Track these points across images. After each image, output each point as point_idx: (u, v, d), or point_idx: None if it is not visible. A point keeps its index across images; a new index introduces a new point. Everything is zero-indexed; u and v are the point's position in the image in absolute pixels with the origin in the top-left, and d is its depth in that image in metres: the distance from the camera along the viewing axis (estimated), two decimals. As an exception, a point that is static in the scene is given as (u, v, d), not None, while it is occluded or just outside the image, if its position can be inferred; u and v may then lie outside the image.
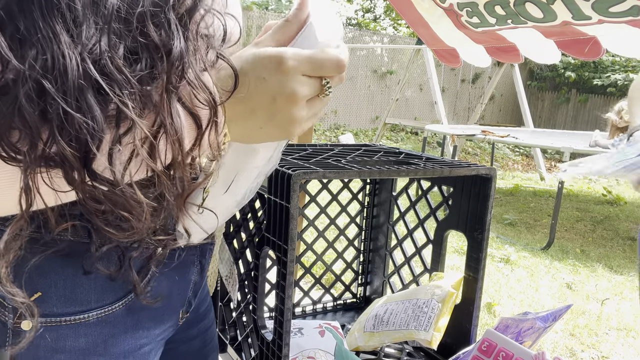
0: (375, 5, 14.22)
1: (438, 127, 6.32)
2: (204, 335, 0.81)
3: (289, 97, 0.48)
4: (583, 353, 2.63)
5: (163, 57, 0.43)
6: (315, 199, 1.29)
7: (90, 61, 0.39)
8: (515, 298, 3.24)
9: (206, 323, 0.81)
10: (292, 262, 0.83)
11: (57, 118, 0.38)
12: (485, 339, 0.82)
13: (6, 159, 0.39)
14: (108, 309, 0.58)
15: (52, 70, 0.38)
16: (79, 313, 0.56)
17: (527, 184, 7.20)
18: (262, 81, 0.47)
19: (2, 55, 0.37)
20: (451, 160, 1.07)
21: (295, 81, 0.48)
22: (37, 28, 0.38)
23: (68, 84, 0.38)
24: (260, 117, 0.49)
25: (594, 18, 1.97)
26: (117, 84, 0.40)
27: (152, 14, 0.42)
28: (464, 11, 2.35)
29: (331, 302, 1.36)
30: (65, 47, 0.38)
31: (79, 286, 0.56)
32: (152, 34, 0.42)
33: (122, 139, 0.41)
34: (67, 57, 0.38)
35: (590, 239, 4.72)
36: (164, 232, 0.57)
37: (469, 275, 1.02)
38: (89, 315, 0.57)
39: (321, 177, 0.83)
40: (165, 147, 0.44)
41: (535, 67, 12.28)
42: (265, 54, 0.48)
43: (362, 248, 1.38)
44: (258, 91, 0.48)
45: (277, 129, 0.50)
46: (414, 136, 10.50)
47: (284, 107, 0.48)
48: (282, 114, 0.49)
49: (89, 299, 0.57)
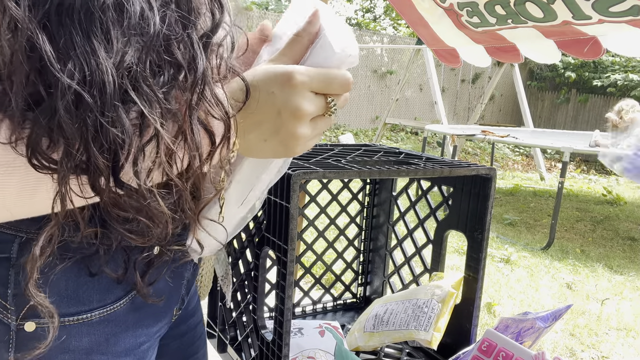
0: (375, 5, 14.22)
1: (438, 127, 6.32)
2: (194, 331, 0.82)
3: (294, 112, 0.49)
4: (583, 353, 2.63)
5: (187, 75, 0.45)
6: (315, 199, 1.28)
7: (122, 75, 0.41)
8: (515, 298, 3.24)
9: (195, 319, 0.83)
10: (292, 262, 0.83)
11: (92, 129, 0.40)
12: (485, 339, 0.82)
13: (38, 167, 0.41)
14: (110, 308, 0.59)
15: (90, 83, 0.39)
16: (82, 313, 0.57)
17: (527, 184, 7.20)
18: (270, 95, 0.49)
19: (49, 66, 0.38)
20: (451, 160, 1.07)
21: (301, 97, 0.49)
22: (76, 43, 0.39)
23: (105, 97, 0.40)
24: (265, 130, 0.51)
25: (594, 18, 1.97)
26: (145, 97, 0.42)
27: (176, 36, 0.44)
28: (464, 11, 2.35)
29: (331, 302, 1.36)
30: (103, 62, 0.40)
31: (82, 286, 0.57)
32: (176, 53, 0.44)
33: (145, 148, 0.43)
34: (105, 71, 0.40)
35: (590, 239, 4.72)
36: (179, 244, 0.59)
37: (469, 275, 1.02)
38: (92, 315, 0.57)
39: (321, 177, 0.83)
40: (182, 157, 0.46)
41: (535, 67, 12.28)
42: (276, 69, 0.50)
43: (362, 248, 1.37)
44: (266, 104, 0.49)
45: (280, 145, 0.52)
46: (414, 136, 10.51)
47: (288, 122, 0.50)
48: (285, 129, 0.50)
49: (91, 299, 0.57)
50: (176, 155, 0.45)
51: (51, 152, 0.41)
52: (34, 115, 0.40)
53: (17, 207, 0.44)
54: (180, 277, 0.68)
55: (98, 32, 0.40)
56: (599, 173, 8.93)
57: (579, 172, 8.77)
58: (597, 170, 9.23)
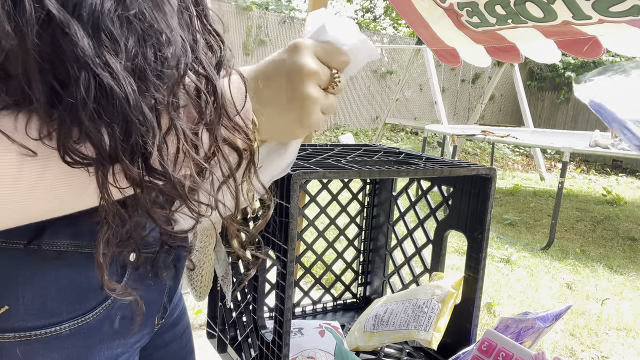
0: (375, 5, 14.22)
1: (438, 127, 6.32)
2: (179, 340, 0.79)
3: (301, 70, 0.52)
4: (583, 353, 2.63)
5: (208, 101, 0.47)
6: (315, 199, 1.28)
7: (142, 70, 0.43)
8: (515, 298, 3.24)
9: (181, 327, 0.80)
10: (292, 262, 0.83)
11: (122, 120, 0.41)
12: (485, 339, 0.82)
13: (71, 162, 0.42)
14: (81, 319, 0.55)
15: (118, 77, 0.41)
16: (50, 326, 0.53)
17: (527, 184, 7.20)
18: (281, 61, 0.53)
19: (86, 59, 0.39)
20: (451, 160, 1.07)
21: (307, 57, 0.52)
22: (107, 39, 0.41)
23: (131, 90, 0.42)
24: (281, 100, 0.52)
25: (594, 18, 1.97)
26: (158, 90, 0.44)
27: (193, 66, 0.47)
28: (464, 11, 2.35)
29: (331, 302, 1.36)
30: (121, 75, 0.41)
31: (49, 297, 0.53)
32: (193, 79, 0.47)
33: (166, 138, 0.44)
34: (122, 84, 0.41)
35: (590, 239, 4.72)
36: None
37: (469, 275, 1.02)
38: (61, 328, 0.54)
39: (321, 177, 0.83)
40: (202, 139, 0.47)
41: (535, 67, 12.28)
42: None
43: (362, 248, 1.37)
44: (277, 71, 0.52)
45: (296, 111, 0.53)
46: (414, 136, 10.50)
47: (298, 82, 0.52)
48: (297, 90, 0.52)
49: (60, 310, 0.54)
50: (198, 140, 0.46)
51: (79, 146, 0.41)
52: (59, 111, 0.40)
53: (51, 203, 0.44)
54: (161, 283, 0.65)
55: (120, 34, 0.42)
56: (599, 173, 8.93)
57: (579, 172, 8.77)
58: (597, 170, 9.23)
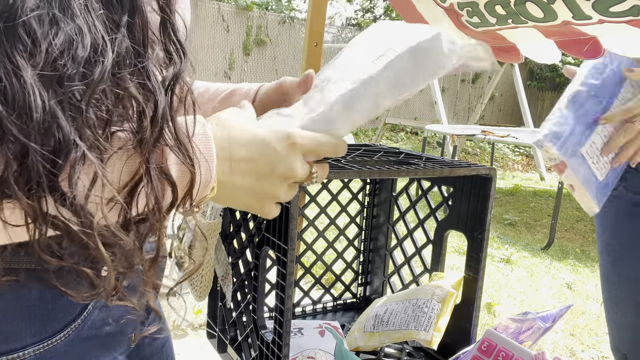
0: (375, 5, 14.22)
1: (438, 127, 6.32)
2: (160, 354, 0.76)
3: (290, 175, 0.51)
4: (583, 353, 2.63)
5: (146, 113, 0.42)
6: (315, 199, 1.28)
7: (59, 100, 0.37)
8: (515, 298, 3.24)
9: (161, 341, 0.76)
10: (292, 262, 0.83)
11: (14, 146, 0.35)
12: (485, 339, 0.82)
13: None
14: (47, 343, 0.51)
15: (13, 106, 0.35)
16: (12, 352, 0.50)
17: (527, 184, 7.20)
18: (271, 149, 0.50)
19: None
20: (451, 160, 1.07)
21: (299, 160, 0.51)
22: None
23: (33, 123, 0.35)
24: (251, 181, 0.50)
25: (595, 18, 1.96)
26: (90, 133, 0.38)
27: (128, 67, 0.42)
28: (464, 11, 2.35)
29: (331, 302, 1.36)
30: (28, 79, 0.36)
31: (11, 321, 0.50)
32: (128, 85, 0.41)
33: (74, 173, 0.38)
34: (31, 94, 0.35)
35: (590, 239, 4.71)
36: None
37: (469, 275, 1.02)
38: (24, 354, 0.50)
39: (321, 177, 0.83)
40: (144, 196, 0.43)
41: (535, 67, 12.28)
42: (281, 127, 0.51)
43: (362, 248, 1.37)
44: (265, 155, 0.50)
45: (257, 199, 0.52)
46: (414, 136, 10.50)
47: (278, 179, 0.51)
48: (271, 185, 0.51)
49: (23, 335, 0.50)
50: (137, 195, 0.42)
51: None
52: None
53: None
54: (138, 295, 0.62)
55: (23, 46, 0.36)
56: (599, 173, 8.92)
57: (579, 172, 8.75)
58: (597, 170, 9.22)
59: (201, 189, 0.46)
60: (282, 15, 10.06)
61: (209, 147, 0.46)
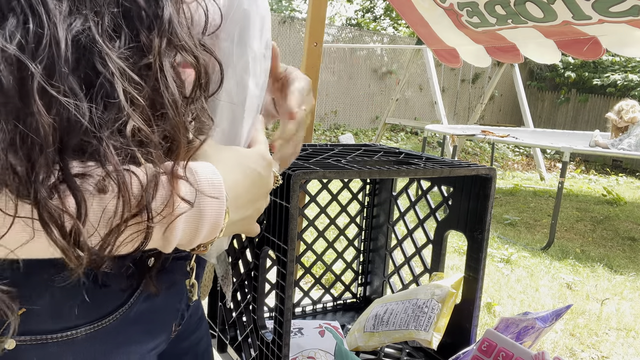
0: (375, 5, 14.22)
1: (438, 127, 6.32)
2: (196, 347, 0.78)
3: (267, 189, 0.54)
4: (583, 353, 2.63)
5: (153, 24, 0.42)
6: (315, 199, 1.28)
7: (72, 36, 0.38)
8: (515, 298, 3.24)
9: (198, 335, 0.78)
10: (292, 262, 0.83)
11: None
12: (485, 339, 0.82)
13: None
14: (98, 324, 0.54)
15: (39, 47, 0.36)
16: (66, 330, 0.52)
17: (527, 184, 7.20)
18: (257, 176, 0.52)
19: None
20: (451, 160, 1.07)
21: (272, 173, 0.54)
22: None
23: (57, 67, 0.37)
24: (250, 211, 0.52)
25: (594, 18, 1.97)
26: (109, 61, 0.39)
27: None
28: (464, 11, 2.35)
29: (331, 302, 1.36)
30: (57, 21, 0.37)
31: (67, 300, 0.52)
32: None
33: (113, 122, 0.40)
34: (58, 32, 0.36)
35: (590, 239, 4.71)
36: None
37: (469, 275, 1.02)
38: (77, 332, 0.53)
39: (321, 177, 0.83)
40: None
41: (535, 67, 12.28)
42: (258, 152, 0.54)
43: (362, 248, 1.37)
44: (253, 184, 0.52)
45: (250, 223, 0.54)
46: (414, 136, 10.50)
47: (263, 201, 0.54)
48: (258, 206, 0.54)
49: (77, 315, 0.52)
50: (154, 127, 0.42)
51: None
52: None
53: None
54: (179, 290, 0.64)
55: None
56: (599, 173, 8.93)
57: (579, 172, 8.76)
58: (597, 170, 9.23)
59: (209, 233, 0.47)
60: (282, 15, 10.06)
61: (221, 193, 0.46)
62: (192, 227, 0.45)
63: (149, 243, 0.43)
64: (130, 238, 0.42)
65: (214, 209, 0.46)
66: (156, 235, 0.44)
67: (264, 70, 0.58)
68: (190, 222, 0.45)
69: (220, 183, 0.46)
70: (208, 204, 0.45)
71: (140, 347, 0.59)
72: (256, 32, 0.55)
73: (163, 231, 0.44)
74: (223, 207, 0.46)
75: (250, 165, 0.52)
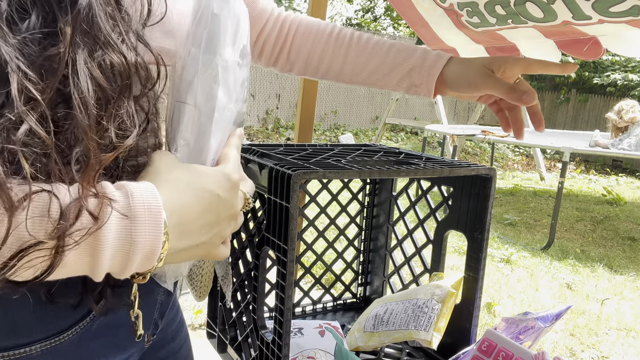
0: (375, 5, 14.22)
1: (438, 127, 6.32)
2: (175, 356, 0.76)
3: (234, 213, 0.49)
4: (583, 353, 2.63)
5: (67, 8, 0.37)
6: (315, 199, 1.28)
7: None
8: (515, 298, 3.24)
9: (177, 343, 0.76)
10: (292, 262, 0.83)
11: None
12: (485, 339, 0.82)
13: None
14: (55, 339, 0.50)
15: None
16: (20, 347, 0.49)
17: (527, 184, 7.20)
18: (215, 199, 0.47)
19: None
20: (451, 160, 1.07)
21: (237, 196, 0.50)
22: None
23: None
24: (203, 234, 0.47)
25: (594, 18, 1.97)
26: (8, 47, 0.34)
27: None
28: (464, 11, 2.35)
29: (331, 302, 1.36)
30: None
31: (22, 315, 0.49)
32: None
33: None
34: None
35: (590, 239, 4.71)
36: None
37: (469, 275, 1.02)
38: (31, 349, 0.49)
39: (321, 177, 0.83)
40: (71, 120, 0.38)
41: (535, 67, 12.27)
42: (216, 172, 0.49)
43: (362, 248, 1.37)
44: (209, 209, 0.47)
45: (208, 249, 0.49)
46: (414, 136, 10.51)
47: (226, 223, 0.49)
48: (220, 230, 0.49)
49: (32, 330, 0.49)
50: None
51: None
52: None
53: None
54: (151, 299, 0.61)
55: None
56: (599, 173, 8.93)
57: (579, 172, 8.76)
58: (597, 170, 9.23)
59: (144, 262, 0.42)
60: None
61: (158, 219, 0.41)
62: (122, 256, 0.40)
63: (60, 269, 0.38)
64: (32, 262, 0.36)
65: (149, 236, 0.40)
66: (82, 263, 0.39)
67: (240, 80, 0.53)
68: (120, 249, 0.40)
69: (158, 207, 0.41)
70: (141, 230, 0.40)
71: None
72: (228, 38, 0.50)
73: (87, 257, 0.39)
74: (160, 234, 0.41)
75: (207, 186, 0.46)
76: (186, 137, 0.50)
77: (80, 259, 0.39)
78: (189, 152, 0.51)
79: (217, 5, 0.49)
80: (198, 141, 0.51)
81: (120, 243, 0.39)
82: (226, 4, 0.50)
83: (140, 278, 0.45)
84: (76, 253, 0.38)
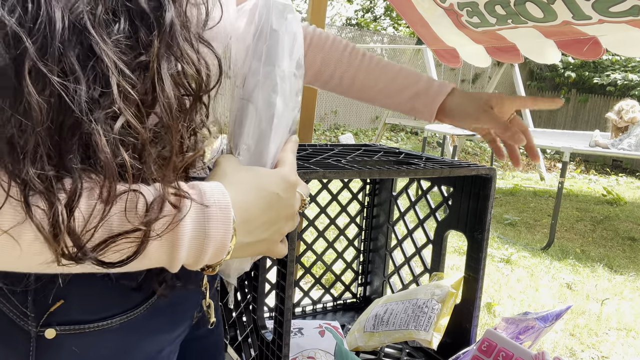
0: (375, 5, 14.22)
1: (438, 127, 6.32)
2: (212, 332, 0.81)
3: (292, 214, 0.53)
4: (583, 353, 2.63)
5: (153, 24, 0.42)
6: (315, 199, 1.28)
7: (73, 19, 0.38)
8: (515, 298, 3.24)
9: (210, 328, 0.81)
10: (292, 262, 0.83)
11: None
12: (485, 339, 0.82)
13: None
14: (130, 313, 0.57)
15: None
16: (102, 320, 0.55)
17: (527, 184, 7.20)
18: (276, 196, 0.51)
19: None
20: (451, 160, 1.07)
21: (295, 196, 0.53)
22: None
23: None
24: (265, 231, 0.51)
25: (594, 18, 1.96)
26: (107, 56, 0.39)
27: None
28: (464, 11, 2.35)
29: (331, 302, 1.36)
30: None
31: (105, 291, 0.55)
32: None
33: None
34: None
35: (590, 239, 4.71)
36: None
37: (469, 275, 1.02)
38: (112, 322, 0.55)
39: (321, 177, 0.83)
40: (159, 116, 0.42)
41: (535, 67, 12.27)
42: (276, 173, 0.53)
43: (362, 248, 1.37)
44: (270, 207, 0.51)
45: (268, 246, 0.53)
46: (414, 136, 10.50)
47: (284, 223, 0.53)
48: (281, 230, 0.53)
49: (112, 305, 0.55)
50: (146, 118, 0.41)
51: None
52: None
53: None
54: (198, 279, 0.66)
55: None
56: (599, 173, 8.93)
57: (579, 172, 8.76)
58: (597, 170, 9.23)
59: (215, 255, 0.47)
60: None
61: (228, 215, 0.46)
62: (197, 248, 0.45)
63: (142, 259, 0.43)
64: (120, 248, 0.42)
65: (220, 230, 0.45)
66: (161, 254, 0.44)
67: (295, 90, 0.58)
68: (195, 242, 0.45)
69: (227, 205, 0.46)
70: (214, 225, 0.45)
71: (167, 335, 0.62)
72: (285, 51, 0.55)
73: (167, 249, 0.44)
74: (230, 229, 0.46)
75: (269, 187, 0.51)
76: (248, 142, 0.56)
77: (161, 250, 0.44)
78: (250, 156, 0.56)
79: (276, 22, 0.55)
80: (258, 145, 0.56)
81: (196, 235, 0.44)
82: (284, 20, 0.55)
83: (210, 270, 0.49)
84: (158, 244, 0.43)
